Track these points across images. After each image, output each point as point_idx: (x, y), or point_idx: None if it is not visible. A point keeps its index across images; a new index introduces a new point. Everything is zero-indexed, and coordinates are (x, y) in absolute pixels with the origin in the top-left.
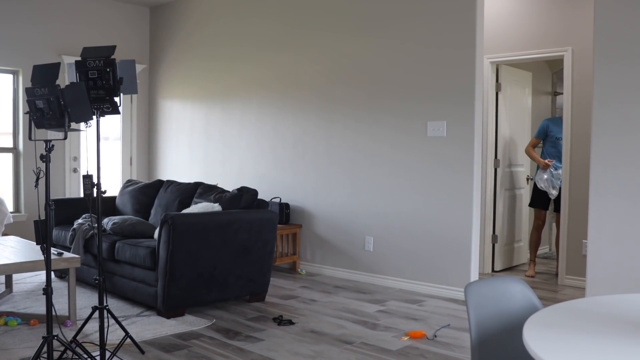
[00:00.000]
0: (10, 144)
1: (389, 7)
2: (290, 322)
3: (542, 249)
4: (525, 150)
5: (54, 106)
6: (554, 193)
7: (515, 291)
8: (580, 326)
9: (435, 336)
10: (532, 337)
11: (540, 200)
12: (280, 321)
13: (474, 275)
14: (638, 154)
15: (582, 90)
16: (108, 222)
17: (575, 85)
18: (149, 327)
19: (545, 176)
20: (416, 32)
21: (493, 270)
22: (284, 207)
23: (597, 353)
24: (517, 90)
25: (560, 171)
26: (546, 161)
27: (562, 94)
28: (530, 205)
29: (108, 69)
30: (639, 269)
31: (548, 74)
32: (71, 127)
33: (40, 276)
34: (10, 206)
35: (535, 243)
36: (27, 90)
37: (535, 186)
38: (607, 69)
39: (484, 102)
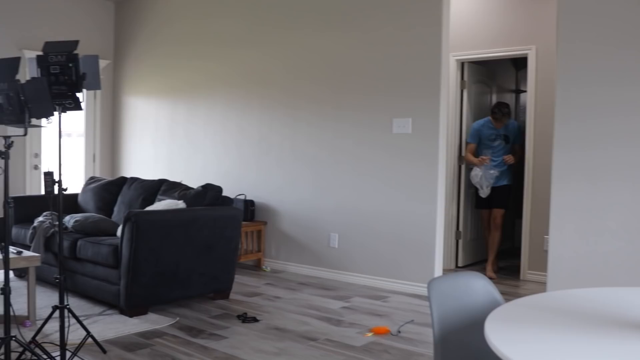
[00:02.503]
0: None
1: (354, 3)
2: (255, 320)
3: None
4: (464, 157)
5: (14, 101)
6: (485, 191)
7: (478, 287)
8: (541, 320)
9: (399, 332)
10: (494, 331)
11: (480, 200)
12: (244, 318)
13: (438, 271)
14: (599, 150)
15: (545, 88)
16: (70, 219)
17: (539, 83)
18: (111, 326)
19: (480, 173)
20: (382, 29)
21: (457, 266)
22: (249, 204)
23: (557, 347)
24: (481, 88)
25: (493, 171)
26: (480, 158)
27: (525, 91)
28: (475, 207)
29: (70, 64)
30: (599, 265)
31: (512, 72)
32: (32, 123)
33: None
34: None
35: (490, 243)
36: None
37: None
38: (570, 66)
39: (449, 99)
